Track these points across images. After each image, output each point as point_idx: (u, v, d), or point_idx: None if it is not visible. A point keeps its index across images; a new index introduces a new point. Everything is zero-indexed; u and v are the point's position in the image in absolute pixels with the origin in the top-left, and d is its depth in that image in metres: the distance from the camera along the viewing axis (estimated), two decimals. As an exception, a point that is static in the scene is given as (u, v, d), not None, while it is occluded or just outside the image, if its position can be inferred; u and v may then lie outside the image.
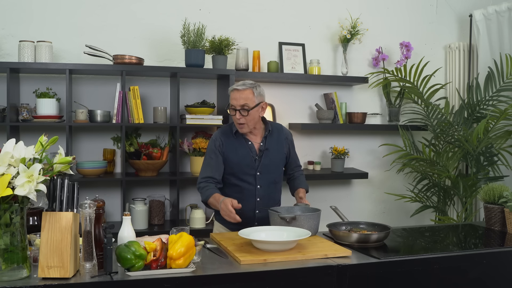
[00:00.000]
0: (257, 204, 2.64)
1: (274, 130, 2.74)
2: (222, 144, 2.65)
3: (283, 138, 2.75)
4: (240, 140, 2.66)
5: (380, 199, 4.30)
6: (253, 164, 2.64)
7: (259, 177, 2.64)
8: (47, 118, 3.27)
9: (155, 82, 3.72)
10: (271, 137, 2.70)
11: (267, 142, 2.68)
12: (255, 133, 2.69)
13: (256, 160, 2.65)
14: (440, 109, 4.00)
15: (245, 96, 2.55)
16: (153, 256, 1.77)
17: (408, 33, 4.29)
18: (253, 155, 2.65)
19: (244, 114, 2.55)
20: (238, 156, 2.62)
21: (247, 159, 2.64)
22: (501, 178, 3.81)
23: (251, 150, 2.65)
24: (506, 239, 2.45)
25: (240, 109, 2.55)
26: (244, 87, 2.57)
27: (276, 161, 2.70)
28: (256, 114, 2.60)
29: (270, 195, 2.70)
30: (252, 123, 2.60)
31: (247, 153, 2.64)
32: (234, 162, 2.62)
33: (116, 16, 3.63)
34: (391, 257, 2.07)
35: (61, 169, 1.76)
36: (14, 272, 1.66)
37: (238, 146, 2.65)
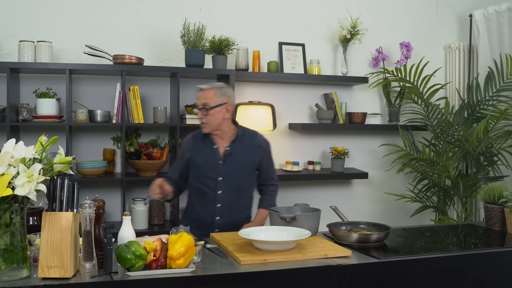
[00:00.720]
0: (217, 210, 2.60)
1: (246, 136, 2.69)
2: (189, 148, 2.66)
3: (254, 145, 2.69)
4: (206, 144, 2.65)
5: (380, 199, 4.30)
6: (216, 169, 2.60)
7: (220, 182, 2.60)
8: (47, 118, 3.27)
9: (155, 82, 3.72)
10: (240, 142, 2.65)
11: (233, 147, 2.63)
12: (223, 137, 2.65)
13: (219, 165, 2.61)
14: (440, 109, 4.00)
15: (207, 96, 2.58)
16: (153, 256, 1.77)
17: (408, 33, 4.29)
18: (216, 159, 2.61)
19: (205, 113, 2.56)
20: (201, 159, 2.60)
21: (209, 163, 2.60)
22: (501, 178, 3.81)
23: (215, 154, 2.62)
24: (506, 239, 2.45)
25: (201, 108, 2.57)
26: (208, 87, 2.60)
27: (241, 167, 2.64)
28: (219, 115, 2.58)
29: (234, 202, 2.64)
30: (214, 124, 2.59)
31: (210, 156, 2.61)
32: (198, 165, 2.60)
33: (116, 16, 3.63)
34: (391, 257, 2.07)
35: (61, 169, 1.76)
36: (14, 272, 1.66)
37: (203, 149, 2.63)
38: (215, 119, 2.59)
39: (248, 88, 3.93)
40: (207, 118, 2.58)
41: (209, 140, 2.66)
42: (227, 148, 2.63)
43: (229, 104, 2.62)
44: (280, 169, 3.97)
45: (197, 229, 2.50)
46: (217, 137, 2.66)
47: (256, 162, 2.71)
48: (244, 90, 3.91)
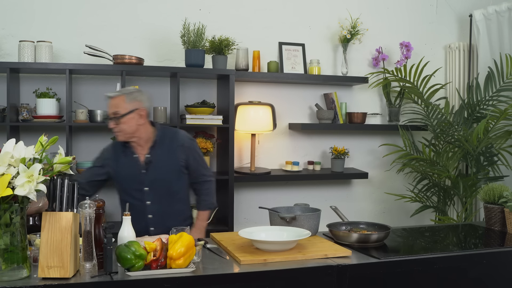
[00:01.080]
0: (150, 221, 2.52)
1: (166, 138, 2.58)
2: (109, 158, 2.57)
3: (176, 146, 2.58)
4: (126, 153, 2.54)
5: (380, 199, 4.30)
6: (140, 179, 2.50)
7: (147, 193, 2.51)
8: (47, 118, 3.27)
9: (155, 82, 3.72)
10: (160, 146, 2.55)
11: (154, 153, 2.53)
12: (141, 144, 2.54)
13: (142, 174, 2.51)
14: (440, 109, 4.00)
15: (116, 103, 2.47)
16: (153, 256, 1.77)
17: (408, 33, 4.29)
18: (139, 168, 2.51)
19: (116, 122, 2.45)
20: (124, 171, 2.51)
21: (132, 174, 2.51)
22: (501, 178, 3.81)
23: (136, 163, 2.52)
24: (506, 239, 2.45)
25: (113, 117, 2.46)
26: (116, 94, 2.49)
27: (166, 172, 2.54)
28: (132, 122, 2.47)
29: (166, 209, 2.55)
30: (128, 132, 2.48)
31: (132, 166, 2.52)
32: (122, 177, 2.51)
33: (116, 16, 3.63)
34: (391, 257, 2.07)
35: (61, 169, 1.76)
36: (14, 272, 1.66)
37: (124, 160, 2.52)
38: (129, 127, 2.47)
39: (248, 88, 3.93)
40: (119, 127, 2.46)
41: (129, 149, 2.55)
42: (147, 155, 2.53)
43: (141, 109, 2.50)
44: (280, 169, 3.97)
45: None
46: (135, 144, 2.55)
47: (182, 162, 2.59)
48: (244, 90, 3.91)
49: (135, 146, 2.55)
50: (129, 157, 2.54)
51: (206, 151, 3.53)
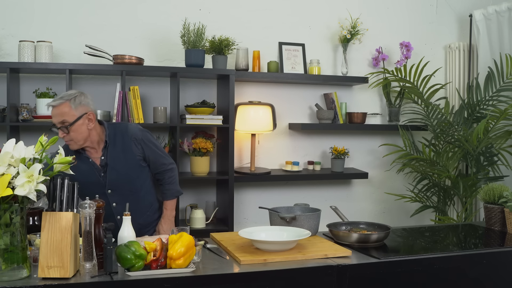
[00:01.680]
0: (119, 222, 2.41)
1: (117, 135, 2.50)
2: None
3: (129, 141, 2.49)
4: (82, 159, 2.44)
5: (380, 199, 4.30)
6: (100, 182, 2.44)
7: (111, 195, 2.46)
8: (47, 118, 3.27)
9: (155, 82, 3.72)
10: (112, 145, 2.47)
11: (107, 154, 2.45)
12: (95, 147, 2.46)
13: (102, 177, 2.45)
14: (440, 109, 4.00)
15: (61, 112, 2.33)
16: (153, 256, 1.77)
17: (408, 33, 4.29)
18: (97, 172, 2.45)
19: (65, 131, 2.34)
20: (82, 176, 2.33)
21: (92, 178, 2.43)
22: (501, 178, 3.81)
23: (94, 167, 2.45)
24: (506, 239, 2.45)
25: (61, 126, 2.34)
26: (59, 102, 2.34)
27: (125, 171, 2.47)
28: (82, 128, 2.37)
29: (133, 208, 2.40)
30: (81, 138, 2.38)
31: (90, 171, 2.44)
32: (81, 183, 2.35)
33: (116, 16, 3.63)
34: (391, 257, 2.07)
35: (61, 169, 1.76)
36: (14, 272, 1.66)
37: (80, 165, 2.38)
38: (80, 134, 2.37)
39: (248, 88, 3.93)
40: (70, 135, 2.36)
41: (82, 155, 2.46)
42: (102, 157, 2.45)
43: (89, 113, 2.40)
44: (280, 169, 3.97)
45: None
46: (89, 149, 2.47)
47: (138, 156, 2.51)
48: (244, 90, 3.91)
49: (88, 150, 2.46)
50: (84, 161, 2.45)
51: (206, 151, 3.53)
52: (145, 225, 2.58)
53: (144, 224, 2.56)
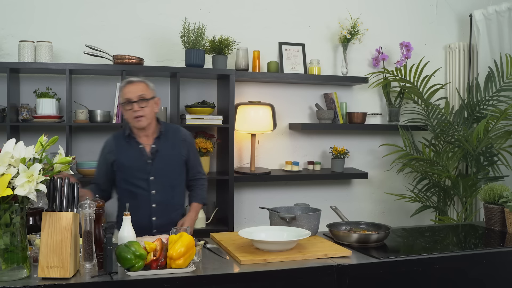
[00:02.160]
0: (153, 210, 2.55)
1: (169, 131, 2.64)
2: (112, 150, 2.58)
3: (179, 140, 2.64)
4: (131, 144, 2.57)
5: (380, 199, 4.30)
6: (146, 168, 2.53)
7: (153, 182, 2.54)
8: (47, 118, 3.27)
9: (155, 82, 3.68)
10: (164, 138, 2.60)
11: (159, 144, 2.57)
12: (148, 134, 2.59)
13: (148, 164, 2.54)
14: (440, 109, 4.00)
15: (141, 88, 2.52)
16: (153, 256, 1.77)
17: (408, 33, 4.29)
18: (145, 158, 2.54)
19: (143, 105, 2.49)
20: (129, 160, 2.52)
21: (138, 163, 2.53)
22: (501, 178, 3.81)
23: (142, 153, 2.55)
24: (506, 239, 2.45)
25: (138, 100, 2.48)
26: (138, 80, 2.56)
27: (171, 164, 2.58)
28: (154, 108, 2.56)
29: (169, 200, 2.59)
30: (150, 117, 2.53)
31: (138, 156, 2.54)
32: (126, 167, 2.52)
33: (116, 16, 3.63)
34: (391, 257, 2.07)
35: (61, 169, 1.76)
36: (14, 272, 1.66)
37: (129, 150, 2.54)
38: (150, 112, 2.54)
39: (248, 88, 3.93)
40: (144, 110, 2.50)
41: (133, 140, 2.57)
42: (153, 145, 2.57)
43: (158, 98, 2.61)
44: (280, 169, 3.97)
45: None
46: (142, 135, 2.58)
47: (183, 157, 2.64)
48: (244, 90, 3.91)
49: (140, 137, 2.58)
50: (134, 147, 2.56)
51: (206, 151, 3.53)
52: (171, 223, 2.61)
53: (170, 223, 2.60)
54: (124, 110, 2.53)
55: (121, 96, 2.55)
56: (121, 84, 2.58)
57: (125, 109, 2.51)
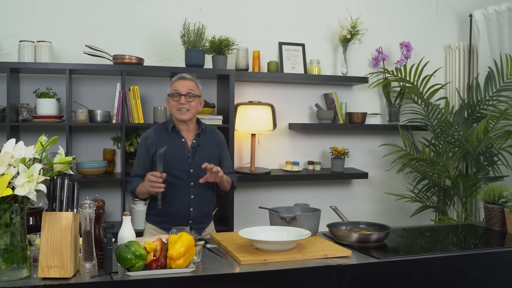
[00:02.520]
0: (191, 201, 2.62)
1: (207, 130, 2.76)
2: (154, 142, 2.65)
3: (216, 139, 2.77)
4: (173, 137, 2.67)
5: (380, 199, 4.30)
6: (186, 161, 2.62)
7: (192, 174, 2.61)
8: (47, 118, 3.27)
9: (155, 82, 3.72)
10: (204, 135, 2.71)
11: (200, 140, 2.69)
12: (189, 129, 2.69)
13: (189, 157, 2.64)
14: (440, 109, 4.00)
15: (191, 84, 2.65)
16: (153, 256, 1.77)
17: (408, 33, 4.29)
18: (186, 152, 2.64)
19: (190, 99, 2.61)
20: (171, 152, 2.59)
21: (180, 155, 2.62)
22: (501, 178, 3.81)
23: (184, 146, 2.65)
24: (506, 239, 2.45)
25: (186, 94, 2.61)
26: (190, 77, 2.69)
27: (209, 159, 2.65)
28: (198, 106, 2.67)
29: (205, 193, 2.68)
30: (193, 112, 2.64)
31: (180, 149, 2.64)
32: (167, 157, 2.57)
33: (116, 16, 3.63)
34: (391, 257, 2.07)
35: (61, 169, 1.76)
36: (14, 272, 1.66)
37: (171, 142, 2.63)
38: (195, 108, 2.65)
39: (248, 88, 3.93)
40: (189, 104, 2.61)
41: (176, 133, 2.67)
42: (194, 141, 2.67)
43: (202, 99, 2.73)
44: (280, 169, 3.97)
45: (167, 223, 2.55)
46: (184, 129, 2.68)
47: (218, 156, 2.76)
48: (244, 90, 3.91)
49: (182, 131, 2.68)
50: (176, 140, 2.66)
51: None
52: (204, 215, 2.69)
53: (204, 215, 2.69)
54: (170, 102, 2.65)
55: (171, 88, 2.67)
56: (173, 78, 2.70)
57: (173, 100, 2.63)
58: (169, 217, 2.58)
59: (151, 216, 2.70)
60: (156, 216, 2.66)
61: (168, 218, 2.57)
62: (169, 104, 2.67)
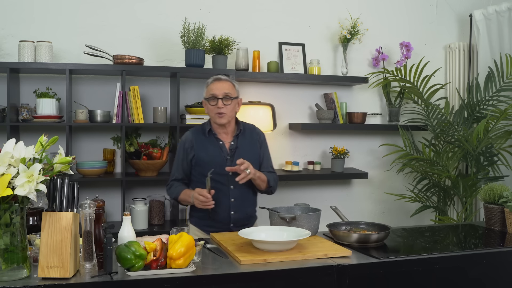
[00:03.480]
0: (232, 204, 2.60)
1: (247, 129, 2.72)
2: (192, 146, 2.63)
3: (256, 138, 2.72)
4: (211, 140, 2.64)
5: (380, 199, 4.30)
6: (225, 164, 2.58)
7: (231, 177, 2.58)
8: (47, 118, 3.27)
9: (155, 82, 3.72)
10: (243, 136, 2.67)
11: (238, 141, 2.65)
12: (227, 131, 2.66)
13: (227, 160, 2.61)
14: (440, 109, 4.00)
15: (227, 86, 2.60)
16: (153, 256, 1.77)
17: (408, 33, 4.29)
18: (224, 154, 2.61)
19: (227, 102, 2.56)
20: (209, 156, 2.59)
21: (218, 159, 2.59)
22: (501, 178, 3.81)
23: (222, 149, 2.62)
24: (506, 239, 2.45)
25: (223, 97, 2.56)
26: (227, 79, 2.64)
27: (248, 160, 2.60)
28: (235, 107, 2.63)
29: (245, 195, 2.66)
30: (231, 115, 2.61)
31: (218, 152, 2.61)
32: (205, 161, 2.58)
33: (116, 16, 3.63)
34: (391, 257, 2.07)
35: (61, 169, 1.76)
36: (14, 272, 1.66)
37: (209, 146, 2.61)
38: (232, 111, 2.61)
39: (248, 88, 3.93)
40: (227, 108, 2.57)
41: (213, 136, 2.64)
42: (232, 143, 2.64)
43: (240, 99, 2.69)
44: (280, 169, 3.96)
45: (209, 226, 2.57)
46: (222, 131, 2.66)
47: (259, 155, 2.72)
48: (244, 90, 3.91)
49: (220, 133, 2.65)
50: (213, 143, 2.63)
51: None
52: (246, 218, 2.68)
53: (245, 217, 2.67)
54: (207, 105, 2.61)
55: (207, 91, 2.62)
56: (209, 80, 2.65)
57: (210, 104, 2.58)
58: (211, 221, 2.58)
59: (194, 218, 2.70)
60: (199, 218, 2.66)
61: (210, 221, 2.58)
62: (207, 108, 2.62)
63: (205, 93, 2.64)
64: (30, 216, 2.11)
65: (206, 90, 2.64)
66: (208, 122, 2.68)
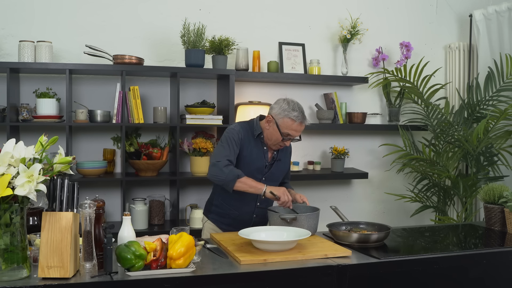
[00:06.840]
0: (256, 209, 2.64)
1: None
2: (241, 139, 2.61)
3: (289, 151, 2.80)
4: (257, 143, 2.65)
5: (380, 199, 4.30)
6: (263, 170, 2.63)
7: (263, 183, 2.60)
8: (47, 118, 3.27)
9: (155, 82, 3.72)
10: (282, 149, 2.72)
11: (279, 154, 2.70)
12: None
13: (266, 167, 2.65)
14: (440, 109, 4.00)
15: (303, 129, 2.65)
16: (153, 256, 1.77)
17: (408, 33, 4.29)
18: (265, 161, 2.65)
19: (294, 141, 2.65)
20: (251, 157, 2.60)
21: (258, 163, 2.62)
22: (501, 178, 3.81)
23: (264, 155, 2.65)
24: (506, 239, 2.45)
25: (296, 139, 2.63)
26: (307, 121, 2.66)
27: (282, 171, 2.73)
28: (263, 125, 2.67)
29: (269, 202, 2.69)
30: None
31: (260, 157, 2.63)
32: (246, 162, 2.59)
33: (116, 16, 3.63)
34: (391, 257, 2.07)
35: (61, 169, 1.76)
36: (14, 272, 1.66)
37: (254, 148, 2.63)
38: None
39: (248, 88, 3.93)
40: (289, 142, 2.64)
41: (260, 140, 2.65)
42: (275, 153, 2.68)
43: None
44: (280, 169, 3.96)
45: (228, 225, 2.62)
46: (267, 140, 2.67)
47: (288, 166, 2.80)
48: (244, 90, 3.91)
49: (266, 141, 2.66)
50: (259, 147, 2.64)
51: (206, 151, 3.53)
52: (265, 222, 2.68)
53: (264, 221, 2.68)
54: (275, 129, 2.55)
55: (287, 127, 2.55)
56: (295, 114, 2.57)
57: (281, 135, 2.55)
58: (231, 220, 2.63)
59: (212, 214, 2.70)
60: (218, 215, 2.68)
61: (230, 220, 2.63)
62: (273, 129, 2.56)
63: (283, 121, 2.55)
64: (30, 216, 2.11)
65: (287, 124, 2.55)
66: (258, 125, 2.64)
